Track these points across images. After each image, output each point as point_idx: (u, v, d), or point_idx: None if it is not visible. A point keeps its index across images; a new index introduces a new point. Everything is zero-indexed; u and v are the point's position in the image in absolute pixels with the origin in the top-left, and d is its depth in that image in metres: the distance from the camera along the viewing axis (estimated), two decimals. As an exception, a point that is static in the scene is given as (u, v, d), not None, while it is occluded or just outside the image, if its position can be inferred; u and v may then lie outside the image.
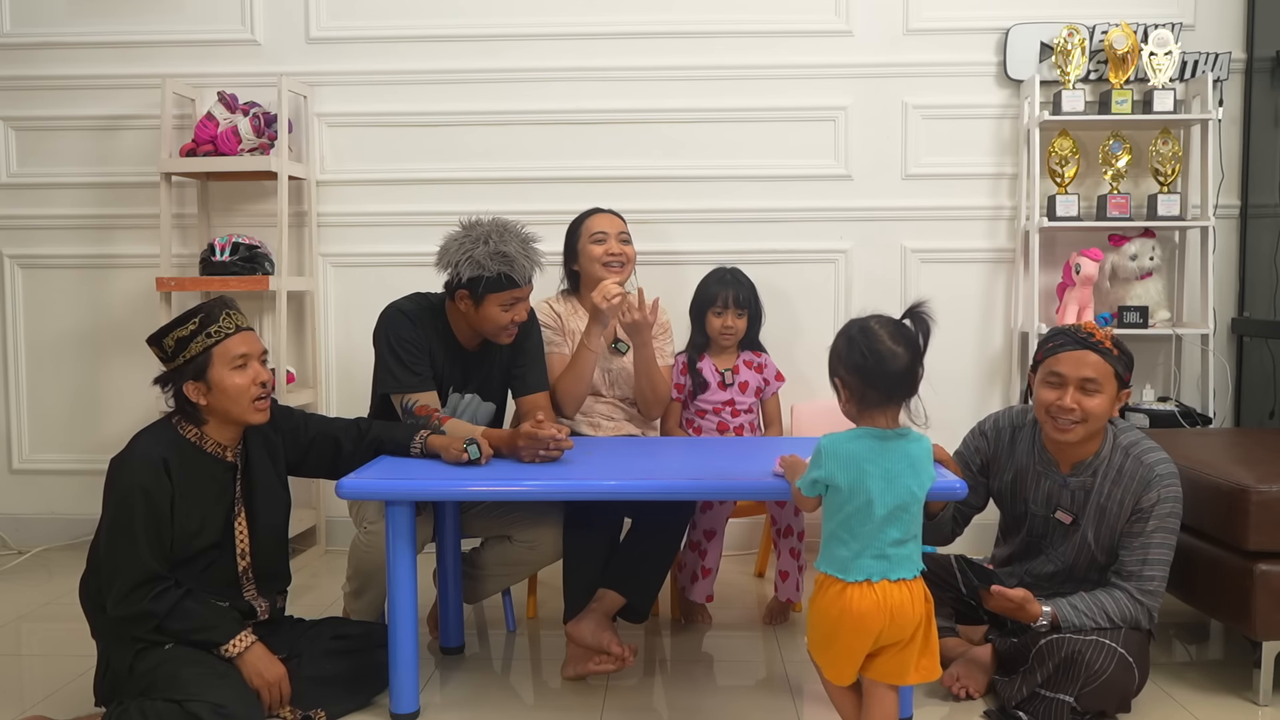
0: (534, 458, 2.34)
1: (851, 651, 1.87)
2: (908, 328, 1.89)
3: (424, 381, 2.57)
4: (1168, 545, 2.29)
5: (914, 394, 1.88)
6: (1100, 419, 2.28)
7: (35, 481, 3.85)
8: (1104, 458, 2.33)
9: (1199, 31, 3.57)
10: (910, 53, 3.62)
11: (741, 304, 3.01)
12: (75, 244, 3.77)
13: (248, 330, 2.27)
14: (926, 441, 1.90)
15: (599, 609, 2.51)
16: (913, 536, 1.87)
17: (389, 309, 2.63)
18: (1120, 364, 2.26)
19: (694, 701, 2.44)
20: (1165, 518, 2.27)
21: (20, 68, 3.74)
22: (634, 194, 3.61)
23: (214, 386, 2.21)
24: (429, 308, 2.65)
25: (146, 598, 2.11)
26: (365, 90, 3.69)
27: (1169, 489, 2.28)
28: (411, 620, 2.26)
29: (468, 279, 2.51)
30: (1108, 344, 2.26)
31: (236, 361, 2.21)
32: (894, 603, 1.83)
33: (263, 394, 2.26)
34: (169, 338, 2.23)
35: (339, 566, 3.41)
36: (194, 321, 2.21)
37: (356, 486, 2.21)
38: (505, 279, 2.51)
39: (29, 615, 3.07)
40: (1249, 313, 3.59)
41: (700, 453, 2.59)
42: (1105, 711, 2.23)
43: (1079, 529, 2.37)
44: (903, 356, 1.85)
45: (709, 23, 3.63)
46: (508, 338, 2.62)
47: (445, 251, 2.58)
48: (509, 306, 2.55)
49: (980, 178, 3.63)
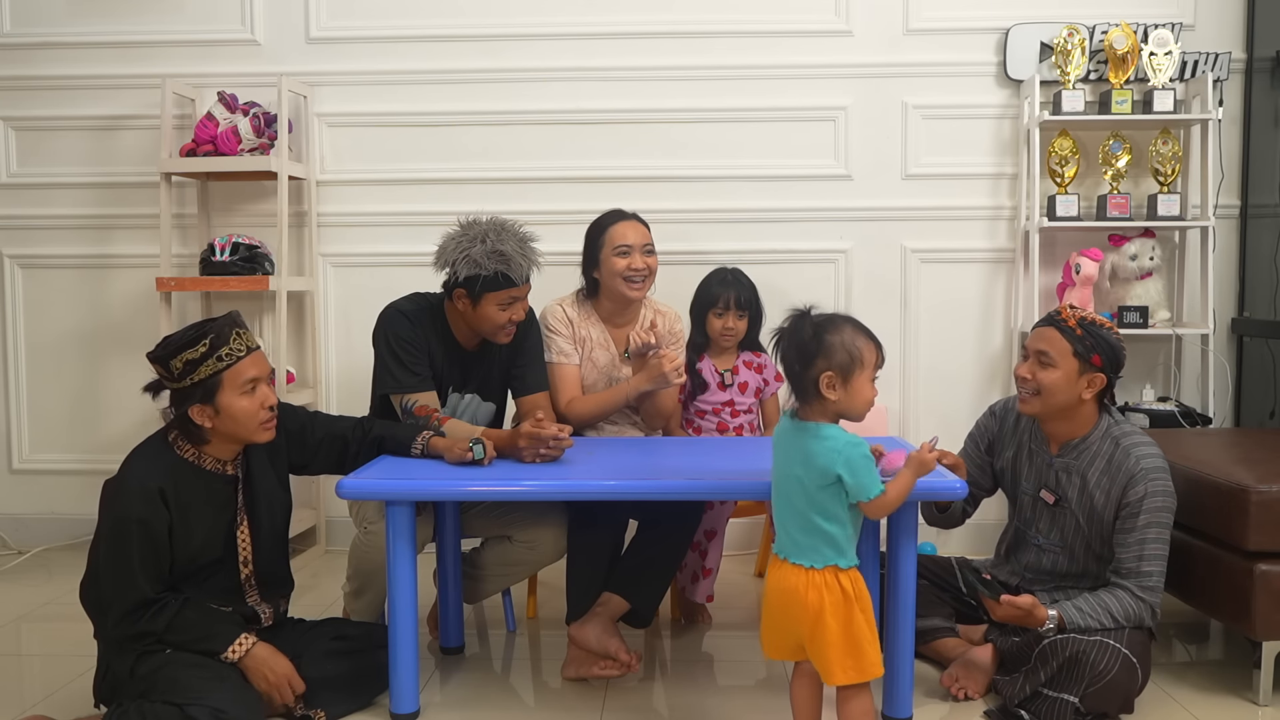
0: (535, 457, 2.34)
1: (766, 626, 1.99)
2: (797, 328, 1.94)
3: (423, 382, 2.57)
4: (1162, 540, 2.30)
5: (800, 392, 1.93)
6: (1055, 394, 2.32)
7: (35, 481, 3.85)
8: (1092, 442, 2.36)
9: (1199, 31, 3.56)
10: (910, 53, 3.62)
11: (743, 305, 3.00)
12: (75, 244, 3.77)
13: (257, 351, 2.22)
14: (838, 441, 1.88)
15: (603, 613, 2.51)
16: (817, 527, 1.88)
17: (388, 309, 2.63)
18: (1079, 343, 2.29)
19: (694, 701, 2.44)
20: (1156, 512, 2.28)
21: (20, 68, 3.73)
22: (634, 194, 3.60)
23: (222, 411, 2.15)
24: (428, 307, 2.65)
25: (143, 619, 2.12)
26: (365, 90, 3.69)
27: (1155, 483, 2.28)
28: (411, 620, 2.26)
29: (465, 278, 2.50)
30: (1072, 323, 2.31)
31: (246, 386, 2.16)
32: (788, 585, 1.91)
33: (270, 417, 2.22)
34: (177, 359, 2.13)
35: (339, 566, 3.41)
36: (204, 343, 2.13)
37: (357, 486, 2.20)
38: (502, 278, 2.51)
39: (29, 615, 3.07)
40: (1249, 313, 3.59)
41: (701, 453, 2.59)
42: (1108, 712, 2.23)
43: (1062, 512, 2.40)
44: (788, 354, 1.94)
45: (709, 23, 3.63)
46: (506, 337, 2.62)
47: (443, 251, 2.57)
48: (506, 306, 2.55)
49: (980, 178, 3.64)
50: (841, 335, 1.90)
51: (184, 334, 2.16)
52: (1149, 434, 2.48)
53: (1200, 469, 2.47)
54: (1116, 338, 2.34)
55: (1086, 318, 2.33)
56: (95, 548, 2.19)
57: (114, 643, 2.17)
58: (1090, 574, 2.41)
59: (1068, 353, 2.31)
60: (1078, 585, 2.41)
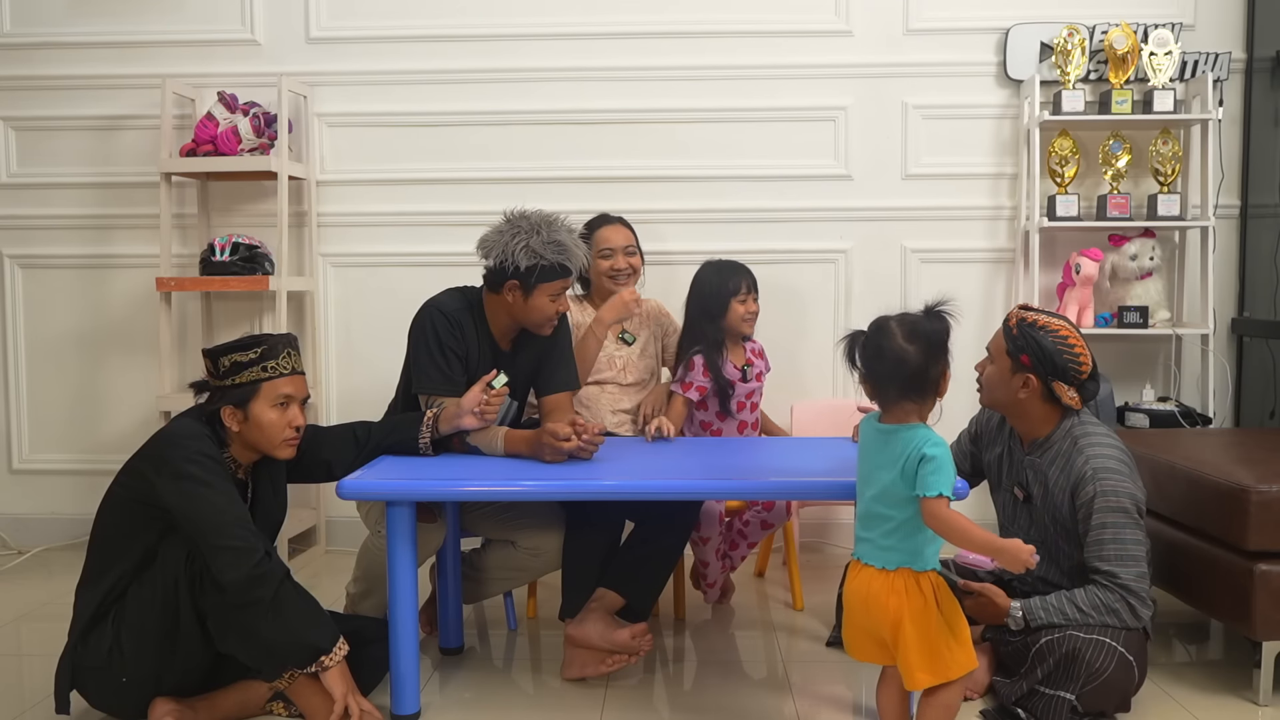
0: (556, 458, 2.34)
1: (849, 629, 2.00)
2: (925, 326, 1.90)
3: (457, 388, 2.54)
4: (1121, 538, 2.24)
5: (929, 393, 1.91)
6: (991, 389, 2.39)
7: (35, 481, 3.85)
8: (1054, 442, 2.37)
9: (1199, 31, 3.57)
10: (910, 53, 3.62)
11: (756, 287, 2.98)
12: (75, 244, 3.77)
13: (300, 374, 2.32)
14: (916, 439, 1.87)
15: (599, 608, 2.51)
16: (897, 529, 1.89)
17: (431, 309, 2.57)
18: (1011, 342, 2.32)
19: (694, 701, 2.44)
20: (1108, 512, 2.25)
21: (20, 68, 3.73)
22: (634, 194, 3.61)
23: (251, 418, 2.24)
24: (467, 306, 2.61)
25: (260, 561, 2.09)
26: (365, 90, 3.69)
27: (1105, 482, 2.25)
28: (412, 621, 2.26)
29: (524, 268, 2.48)
30: (1013, 322, 2.34)
31: (279, 400, 2.25)
32: (871, 589, 1.92)
33: (294, 436, 2.29)
34: (226, 357, 2.24)
35: (340, 566, 3.42)
36: (256, 351, 2.24)
37: (357, 487, 2.21)
38: (560, 268, 2.51)
39: (29, 615, 3.07)
40: (1249, 313, 3.59)
41: (701, 453, 2.59)
42: (1105, 710, 2.23)
43: (1034, 509, 2.41)
44: (913, 356, 1.87)
45: (709, 23, 3.63)
46: (549, 330, 2.61)
47: (493, 243, 2.53)
48: (557, 297, 2.55)
49: (980, 178, 3.64)
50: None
51: (241, 339, 2.27)
52: (1149, 433, 2.47)
53: (1200, 469, 2.47)
54: (1057, 343, 2.28)
55: (1029, 319, 2.32)
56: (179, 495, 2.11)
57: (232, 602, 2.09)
58: (1074, 576, 2.37)
59: (1002, 350, 2.35)
60: (1063, 585, 2.39)
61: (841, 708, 2.40)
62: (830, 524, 3.73)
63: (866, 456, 1.98)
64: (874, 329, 1.94)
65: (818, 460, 2.44)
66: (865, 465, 1.98)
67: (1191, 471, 2.47)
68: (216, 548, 2.09)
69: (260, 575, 2.09)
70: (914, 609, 1.89)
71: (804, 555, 3.58)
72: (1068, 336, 2.30)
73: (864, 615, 1.94)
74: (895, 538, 1.91)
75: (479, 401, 2.39)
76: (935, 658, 1.90)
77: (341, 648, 2.19)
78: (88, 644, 2.17)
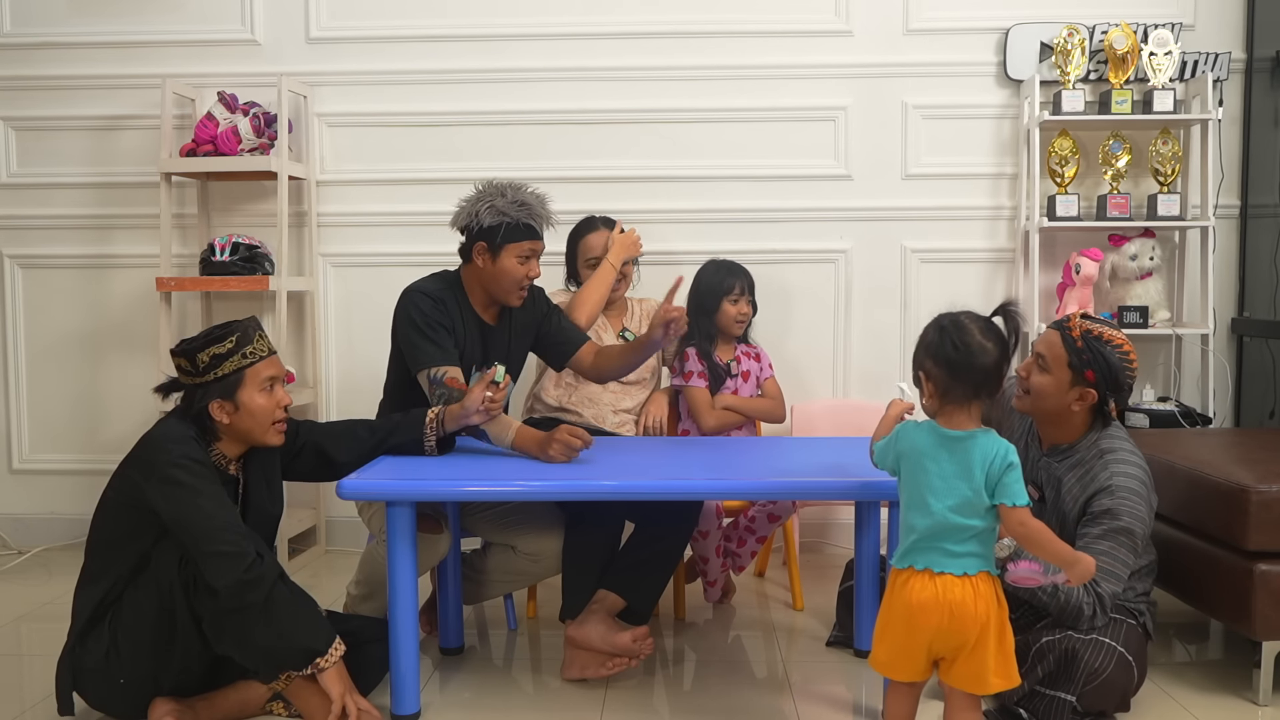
0: (565, 457, 2.34)
1: (908, 645, 1.88)
2: (998, 325, 1.90)
3: (452, 356, 2.54)
4: (1116, 553, 2.19)
5: (995, 392, 1.89)
6: (1043, 398, 2.29)
7: (35, 481, 3.85)
8: (1077, 450, 2.32)
9: (1199, 31, 3.57)
10: (910, 53, 3.62)
11: (750, 291, 3.08)
12: (75, 244, 3.77)
13: (275, 354, 2.31)
14: (995, 446, 1.85)
15: (600, 610, 2.51)
16: (975, 535, 1.85)
17: (409, 292, 2.59)
18: (1076, 355, 2.24)
19: (694, 702, 2.44)
20: (1115, 531, 2.19)
21: (20, 68, 3.73)
22: (634, 194, 3.61)
23: (241, 407, 2.23)
24: (447, 285, 2.63)
25: (251, 565, 2.08)
26: (365, 90, 3.69)
27: (1123, 502, 2.19)
28: (412, 622, 2.26)
29: (488, 226, 2.51)
30: (1076, 333, 2.26)
31: (265, 384, 2.25)
32: (953, 599, 1.84)
33: (283, 418, 2.29)
34: (204, 353, 2.21)
35: (339, 566, 3.42)
36: (230, 340, 2.21)
37: (357, 487, 2.20)
38: (524, 227, 2.53)
39: (29, 615, 3.07)
40: (1249, 313, 3.59)
41: (701, 453, 2.59)
42: (1105, 710, 2.23)
43: (1040, 508, 2.37)
44: (992, 352, 1.86)
45: (709, 23, 3.63)
46: (519, 298, 2.60)
47: (462, 209, 2.58)
48: (525, 259, 2.55)
49: (980, 178, 3.64)
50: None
51: (209, 332, 2.24)
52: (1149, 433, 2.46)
53: (1200, 469, 2.47)
54: (1121, 359, 2.24)
55: (1094, 331, 2.26)
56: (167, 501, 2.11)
57: (224, 606, 2.09)
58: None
59: (1063, 361, 2.26)
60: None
61: (841, 708, 2.40)
62: (830, 524, 3.73)
63: (928, 466, 1.87)
64: (951, 324, 1.88)
65: (818, 460, 2.44)
66: (929, 475, 1.86)
67: (1191, 471, 2.47)
68: (206, 554, 2.09)
69: (251, 580, 2.09)
70: (997, 612, 1.86)
71: (804, 555, 3.58)
72: (1129, 351, 2.26)
73: (948, 623, 1.84)
74: (974, 544, 1.85)
75: (483, 400, 2.39)
76: (1008, 661, 1.88)
77: (338, 648, 2.19)
78: (86, 645, 2.17)
